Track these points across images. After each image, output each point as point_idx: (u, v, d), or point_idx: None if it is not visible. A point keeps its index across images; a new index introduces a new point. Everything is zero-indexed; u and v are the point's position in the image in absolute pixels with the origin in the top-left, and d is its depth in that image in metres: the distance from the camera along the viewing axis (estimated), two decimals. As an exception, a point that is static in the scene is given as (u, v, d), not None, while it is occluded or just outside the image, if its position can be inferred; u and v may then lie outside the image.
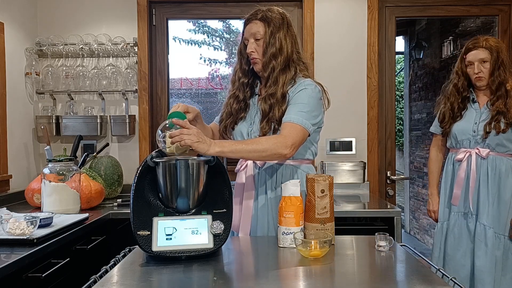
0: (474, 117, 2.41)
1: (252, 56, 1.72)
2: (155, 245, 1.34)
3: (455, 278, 1.23)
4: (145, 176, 1.42)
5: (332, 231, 1.53)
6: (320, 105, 1.70)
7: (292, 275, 1.28)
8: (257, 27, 1.70)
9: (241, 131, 1.78)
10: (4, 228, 1.74)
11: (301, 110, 1.63)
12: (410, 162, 6.78)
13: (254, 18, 1.72)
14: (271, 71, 1.70)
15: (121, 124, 3.02)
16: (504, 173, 2.32)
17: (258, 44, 1.71)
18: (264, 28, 1.70)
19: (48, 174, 2.28)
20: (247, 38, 1.74)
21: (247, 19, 1.75)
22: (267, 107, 1.68)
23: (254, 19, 1.72)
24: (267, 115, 1.68)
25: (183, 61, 3.42)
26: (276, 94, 1.67)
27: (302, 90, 1.67)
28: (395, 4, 3.16)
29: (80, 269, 2.03)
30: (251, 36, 1.72)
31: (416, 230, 6.58)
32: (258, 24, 1.71)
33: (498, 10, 3.15)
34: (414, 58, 6.50)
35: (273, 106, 1.67)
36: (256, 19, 1.71)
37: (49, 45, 3.01)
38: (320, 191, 1.50)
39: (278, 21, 1.70)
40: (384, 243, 1.43)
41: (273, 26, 1.70)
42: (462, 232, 2.39)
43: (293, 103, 1.66)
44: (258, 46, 1.71)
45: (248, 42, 1.73)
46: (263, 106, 1.69)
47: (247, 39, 1.73)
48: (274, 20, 1.70)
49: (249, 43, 1.72)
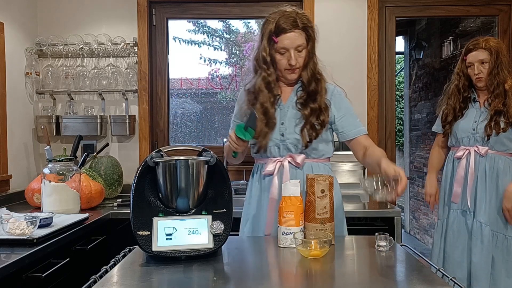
0: (474, 116, 2.43)
1: (294, 66, 1.73)
2: (155, 245, 1.34)
3: (455, 278, 1.23)
4: (145, 176, 1.42)
5: (332, 231, 1.53)
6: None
7: (292, 275, 1.28)
8: (301, 39, 1.70)
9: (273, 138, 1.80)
10: (4, 228, 1.74)
11: (356, 118, 1.81)
12: (410, 162, 6.78)
13: (295, 28, 1.69)
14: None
15: (121, 124, 3.02)
16: (502, 171, 2.34)
17: (300, 55, 1.73)
18: (305, 37, 1.72)
19: (48, 174, 2.28)
20: (287, 47, 1.71)
21: (284, 28, 1.69)
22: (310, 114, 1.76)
23: (295, 28, 1.69)
24: (310, 122, 1.75)
25: (183, 61, 3.42)
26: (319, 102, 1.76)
27: (344, 99, 1.82)
28: (395, 4, 3.16)
29: (80, 269, 2.03)
30: (293, 46, 1.70)
31: (416, 230, 6.58)
32: (300, 34, 1.70)
33: (498, 10, 3.15)
34: (414, 58, 6.50)
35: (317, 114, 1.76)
36: (298, 28, 1.69)
37: (49, 45, 3.01)
38: (320, 191, 1.50)
39: (313, 29, 1.75)
40: (384, 243, 1.43)
41: (312, 33, 1.74)
42: (460, 229, 2.41)
43: (347, 114, 1.80)
44: (300, 57, 1.73)
45: (286, 51, 1.72)
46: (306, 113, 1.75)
47: (286, 49, 1.71)
48: (312, 28, 1.74)
49: (292, 53, 1.71)
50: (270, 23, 1.71)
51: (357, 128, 1.80)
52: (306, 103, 1.76)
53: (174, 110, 3.36)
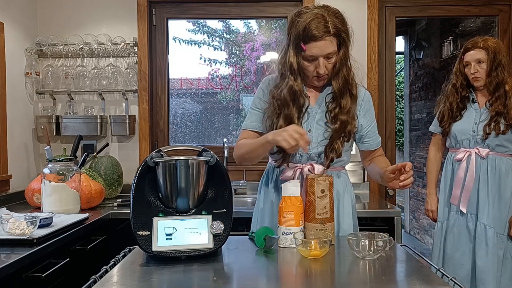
0: (474, 117, 2.42)
1: (322, 75, 1.61)
2: (155, 245, 1.34)
3: (455, 278, 1.23)
4: (145, 176, 1.42)
5: (332, 231, 1.53)
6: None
7: (292, 275, 1.28)
8: (333, 46, 1.56)
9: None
10: (4, 228, 1.74)
11: (376, 127, 1.77)
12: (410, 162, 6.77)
13: (327, 34, 1.53)
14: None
15: (121, 124, 3.02)
16: (504, 172, 2.33)
17: (330, 61, 1.59)
18: (337, 43, 1.58)
19: (48, 174, 2.28)
20: (315, 56, 1.57)
21: (314, 36, 1.52)
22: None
23: (326, 36, 1.53)
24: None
25: (183, 61, 3.42)
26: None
27: (372, 106, 1.76)
28: (395, 4, 3.16)
29: (80, 269, 2.03)
30: (322, 54, 1.56)
31: (416, 230, 6.58)
32: (332, 41, 1.55)
33: (498, 10, 3.15)
34: (414, 58, 6.50)
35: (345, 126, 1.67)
36: (330, 35, 1.53)
37: (49, 45, 3.01)
38: (320, 191, 1.50)
39: (348, 32, 1.63)
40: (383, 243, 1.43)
41: (346, 37, 1.62)
42: (461, 231, 2.39)
43: (373, 123, 1.75)
44: (330, 63, 1.60)
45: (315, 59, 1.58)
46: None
47: (315, 57, 1.57)
48: (346, 31, 1.61)
49: (321, 62, 1.57)
50: (298, 27, 1.54)
51: (378, 139, 1.78)
52: (336, 117, 1.62)
53: (174, 110, 3.36)
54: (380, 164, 1.71)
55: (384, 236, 1.39)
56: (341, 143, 1.64)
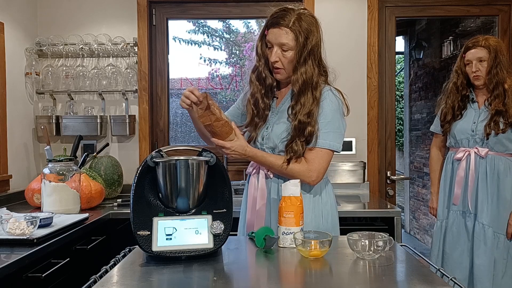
0: (473, 117, 2.42)
1: (275, 65, 1.68)
2: (155, 245, 1.34)
3: (455, 278, 1.23)
4: (145, 176, 1.42)
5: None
6: (343, 118, 1.69)
7: (292, 275, 1.28)
8: (287, 38, 1.62)
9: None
10: (4, 228, 1.74)
11: (330, 130, 1.64)
12: (410, 162, 6.78)
13: (283, 25, 1.63)
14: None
15: (121, 124, 3.02)
16: (502, 172, 2.33)
17: (285, 55, 1.67)
18: (294, 39, 1.65)
19: (48, 174, 2.28)
20: (271, 42, 1.67)
21: (273, 22, 1.64)
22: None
23: (282, 26, 1.62)
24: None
25: (183, 61, 3.42)
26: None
27: (329, 105, 1.65)
28: (395, 4, 3.16)
29: (80, 269, 2.03)
30: (276, 42, 1.66)
31: (416, 230, 6.58)
32: (287, 33, 1.62)
33: (498, 10, 3.15)
34: (414, 58, 6.50)
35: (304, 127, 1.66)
36: (285, 26, 1.63)
37: (49, 45, 3.01)
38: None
39: (306, 35, 1.66)
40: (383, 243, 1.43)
41: (302, 39, 1.65)
42: (460, 230, 2.40)
43: (324, 122, 1.64)
44: (284, 57, 1.67)
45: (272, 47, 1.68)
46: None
47: (272, 44, 1.66)
48: (305, 34, 1.65)
49: (274, 50, 1.67)
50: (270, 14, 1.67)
51: (323, 139, 1.64)
52: (296, 115, 1.63)
53: (174, 110, 3.36)
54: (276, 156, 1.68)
55: (384, 236, 1.39)
56: (301, 144, 1.63)
